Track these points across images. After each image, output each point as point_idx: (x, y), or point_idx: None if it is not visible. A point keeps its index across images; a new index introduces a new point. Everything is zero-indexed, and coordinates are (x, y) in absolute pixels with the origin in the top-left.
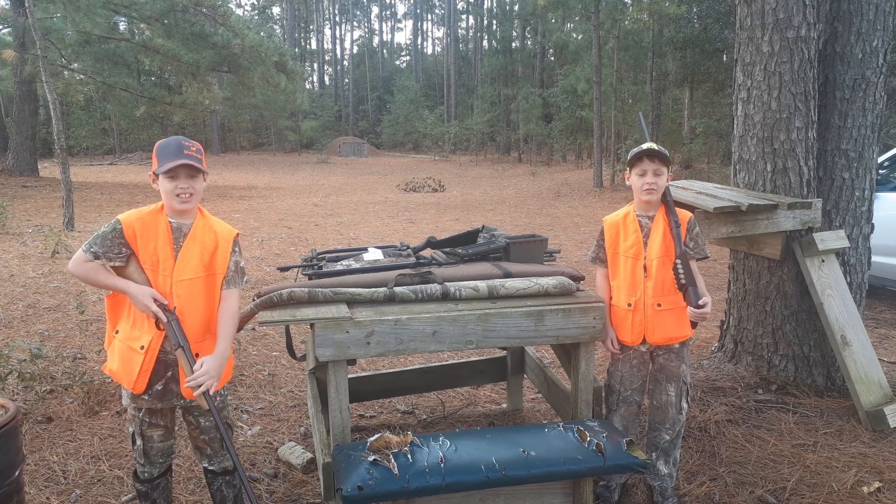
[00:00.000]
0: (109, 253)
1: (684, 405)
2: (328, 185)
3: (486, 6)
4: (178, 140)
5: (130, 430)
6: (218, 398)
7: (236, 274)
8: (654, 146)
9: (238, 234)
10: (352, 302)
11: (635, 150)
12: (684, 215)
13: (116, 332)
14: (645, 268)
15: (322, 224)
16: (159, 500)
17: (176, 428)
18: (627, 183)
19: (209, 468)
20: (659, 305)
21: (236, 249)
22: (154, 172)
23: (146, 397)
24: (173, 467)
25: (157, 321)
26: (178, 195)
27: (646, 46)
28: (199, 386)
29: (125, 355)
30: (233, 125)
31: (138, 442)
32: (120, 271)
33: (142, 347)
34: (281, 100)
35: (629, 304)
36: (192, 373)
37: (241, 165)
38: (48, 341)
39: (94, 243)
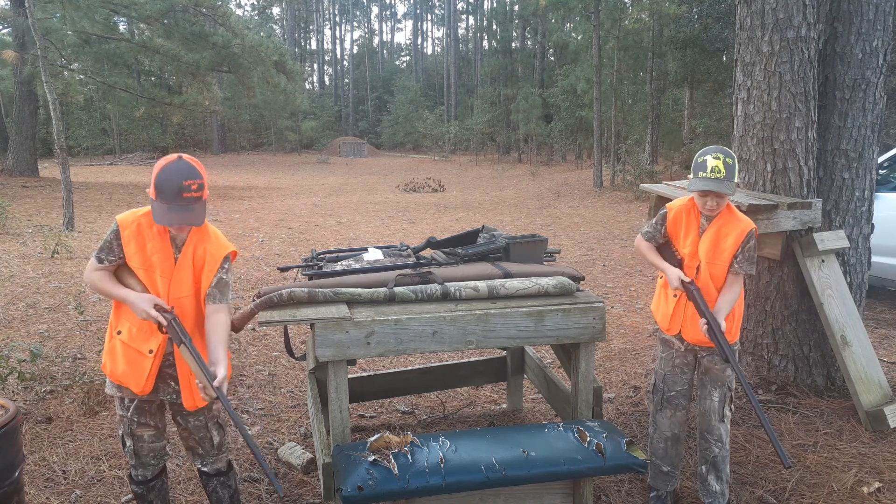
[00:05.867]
0: (111, 256)
1: (727, 413)
2: (328, 186)
3: (486, 6)
4: (180, 179)
5: (119, 431)
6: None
7: (216, 290)
8: (717, 178)
9: (233, 252)
10: (352, 302)
11: (698, 183)
12: (746, 225)
13: (119, 332)
14: (697, 268)
15: (322, 224)
16: (156, 501)
17: (167, 431)
18: (689, 177)
19: (202, 469)
20: None
21: (225, 266)
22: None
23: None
24: (172, 468)
25: (160, 326)
26: (170, 229)
27: (646, 46)
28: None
29: (133, 358)
30: (233, 125)
31: (128, 443)
32: (117, 272)
33: (150, 351)
34: (280, 100)
35: (674, 295)
36: (200, 366)
37: (241, 165)
38: (48, 341)
39: (100, 249)
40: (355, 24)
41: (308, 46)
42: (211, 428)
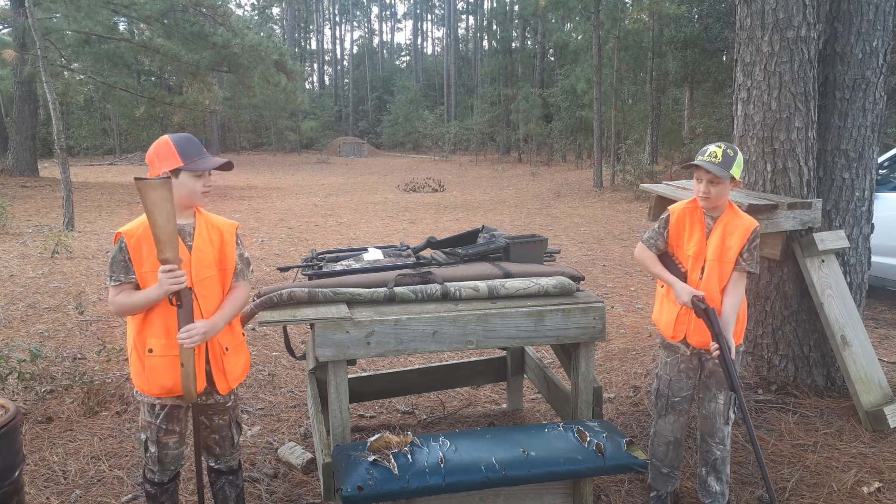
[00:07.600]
0: (128, 273)
1: (731, 415)
2: (328, 185)
3: (486, 6)
4: (192, 137)
5: (143, 437)
6: (232, 396)
7: (244, 266)
8: (711, 161)
9: (237, 226)
10: (352, 302)
11: (697, 157)
12: (750, 223)
13: (150, 350)
14: (702, 268)
15: (322, 224)
16: (167, 503)
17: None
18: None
19: (214, 467)
20: None
21: (239, 242)
22: (178, 169)
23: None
24: None
25: (173, 298)
26: (204, 192)
27: (646, 46)
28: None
29: (174, 368)
30: (233, 125)
31: (152, 449)
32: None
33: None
34: (281, 99)
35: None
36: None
37: (241, 165)
38: (48, 341)
39: (112, 272)
40: (355, 24)
41: (308, 46)
42: (232, 427)
